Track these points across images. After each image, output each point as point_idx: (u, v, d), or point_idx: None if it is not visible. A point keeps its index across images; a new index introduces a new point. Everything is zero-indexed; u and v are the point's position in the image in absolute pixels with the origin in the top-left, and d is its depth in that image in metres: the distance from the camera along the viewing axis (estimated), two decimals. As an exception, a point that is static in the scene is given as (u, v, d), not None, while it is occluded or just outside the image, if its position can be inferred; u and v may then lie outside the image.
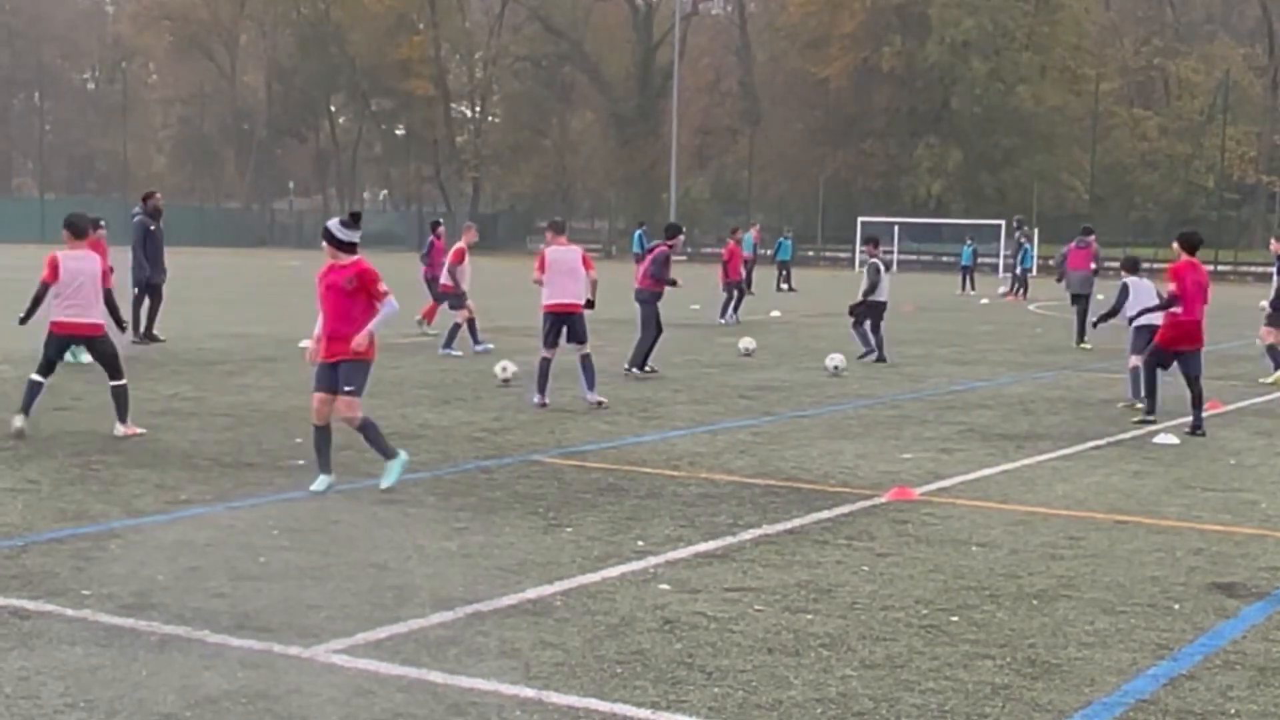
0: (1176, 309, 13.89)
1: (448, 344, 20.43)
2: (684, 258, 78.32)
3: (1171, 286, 13.85)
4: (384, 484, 9.95)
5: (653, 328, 18.15)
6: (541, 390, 14.72)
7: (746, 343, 21.55)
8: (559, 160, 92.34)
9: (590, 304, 15.19)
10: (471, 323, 20.73)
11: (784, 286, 44.06)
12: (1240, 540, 9.07)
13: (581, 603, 7.18)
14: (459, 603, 7.10)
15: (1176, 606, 7.41)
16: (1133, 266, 16.78)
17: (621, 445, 11.25)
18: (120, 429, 12.11)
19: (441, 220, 28.31)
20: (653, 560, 8.12)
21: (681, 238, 20.09)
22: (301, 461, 11.09)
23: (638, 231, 50.57)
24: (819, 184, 79.23)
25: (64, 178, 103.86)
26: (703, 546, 8.50)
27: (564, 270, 14.83)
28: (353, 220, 9.99)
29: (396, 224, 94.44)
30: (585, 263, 15.00)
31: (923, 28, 78.55)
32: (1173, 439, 13.19)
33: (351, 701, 5.69)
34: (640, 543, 8.56)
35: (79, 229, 12.26)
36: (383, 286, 9.76)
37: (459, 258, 20.96)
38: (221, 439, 12.14)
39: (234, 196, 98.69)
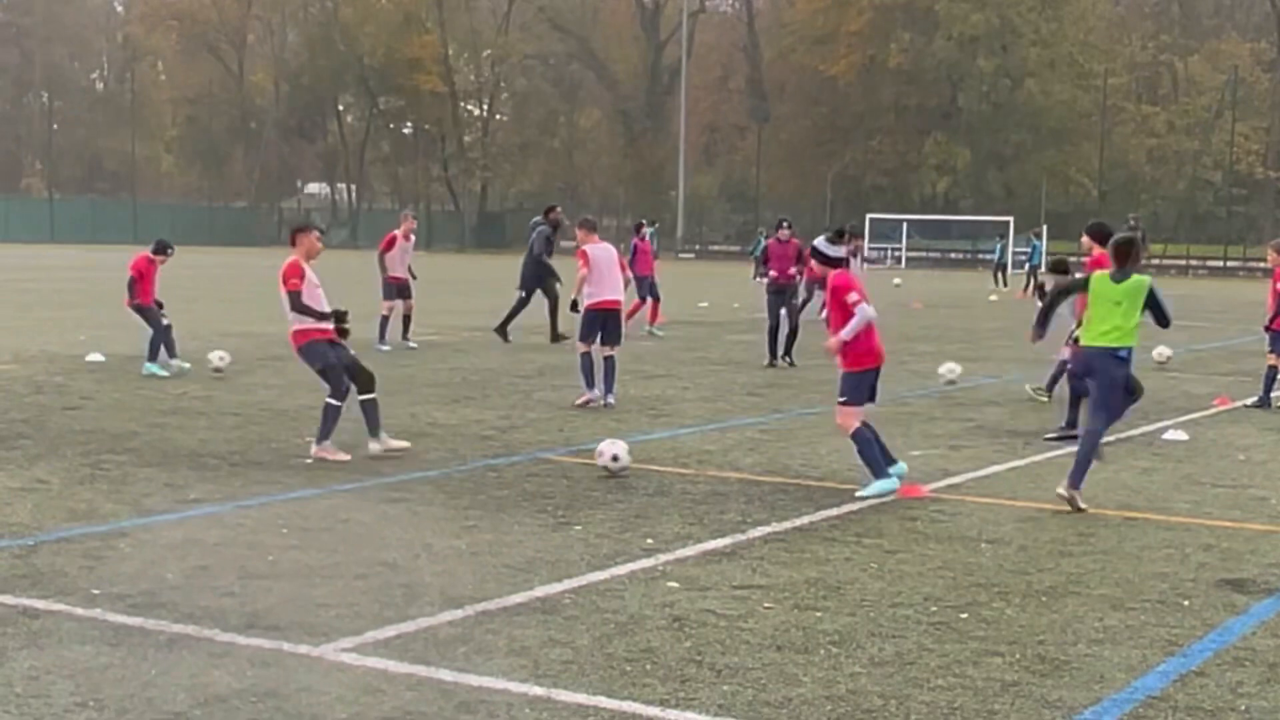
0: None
1: (380, 338, 20.32)
2: (692, 255, 78.49)
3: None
4: (860, 493, 10.04)
5: (796, 319, 19.38)
6: (589, 384, 14.71)
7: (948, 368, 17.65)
8: (567, 158, 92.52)
9: (574, 306, 15.41)
10: (384, 320, 20.59)
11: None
12: (1250, 536, 9.05)
13: (590, 601, 7.18)
14: (468, 601, 7.10)
15: (1186, 603, 7.40)
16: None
17: (630, 443, 11.22)
18: None
19: (645, 221, 26.48)
20: (661, 558, 8.12)
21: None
22: (309, 460, 11.11)
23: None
24: (827, 181, 79.24)
25: (72, 178, 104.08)
26: (711, 544, 8.50)
27: (607, 267, 14.87)
28: (837, 236, 10.89)
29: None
30: (620, 264, 15.23)
31: (930, 24, 78.52)
32: (1182, 435, 13.16)
33: (360, 699, 5.69)
34: (649, 540, 8.56)
35: None
36: (851, 298, 9.96)
37: (389, 245, 20.80)
38: (230, 438, 12.16)
39: (242, 195, 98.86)
